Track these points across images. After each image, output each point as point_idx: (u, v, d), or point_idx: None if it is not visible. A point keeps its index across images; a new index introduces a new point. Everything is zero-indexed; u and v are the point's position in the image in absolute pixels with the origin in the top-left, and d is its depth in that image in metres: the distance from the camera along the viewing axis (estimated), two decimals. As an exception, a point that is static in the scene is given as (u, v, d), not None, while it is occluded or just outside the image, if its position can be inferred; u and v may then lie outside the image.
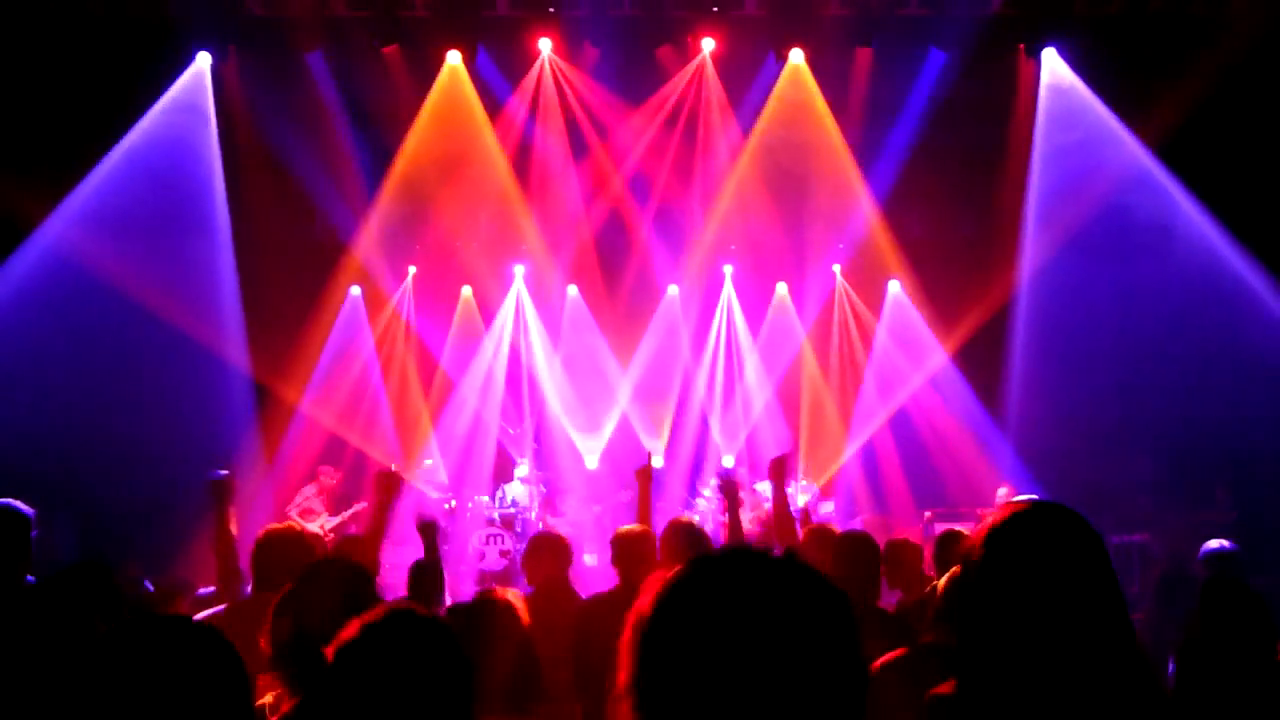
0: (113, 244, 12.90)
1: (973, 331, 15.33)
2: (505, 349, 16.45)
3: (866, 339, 16.48)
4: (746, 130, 14.78)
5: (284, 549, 5.11)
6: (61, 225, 13.14)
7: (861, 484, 15.76)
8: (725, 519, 13.78)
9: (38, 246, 13.05)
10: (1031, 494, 11.61)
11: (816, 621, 1.49)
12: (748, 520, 13.93)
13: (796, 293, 16.54)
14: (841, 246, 16.26)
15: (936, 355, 15.56)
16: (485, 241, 15.92)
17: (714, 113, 14.76)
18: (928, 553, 7.57)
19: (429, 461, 15.30)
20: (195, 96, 13.85)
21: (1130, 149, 13.88)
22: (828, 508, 14.78)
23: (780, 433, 16.11)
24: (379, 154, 14.66)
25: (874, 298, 16.42)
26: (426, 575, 6.14)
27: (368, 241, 15.29)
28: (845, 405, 16.39)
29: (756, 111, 14.71)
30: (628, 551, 6.06)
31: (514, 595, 4.38)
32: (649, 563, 5.86)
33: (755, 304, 16.74)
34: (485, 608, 4.21)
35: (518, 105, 14.73)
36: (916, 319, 15.89)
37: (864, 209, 15.26)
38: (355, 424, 15.59)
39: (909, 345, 15.94)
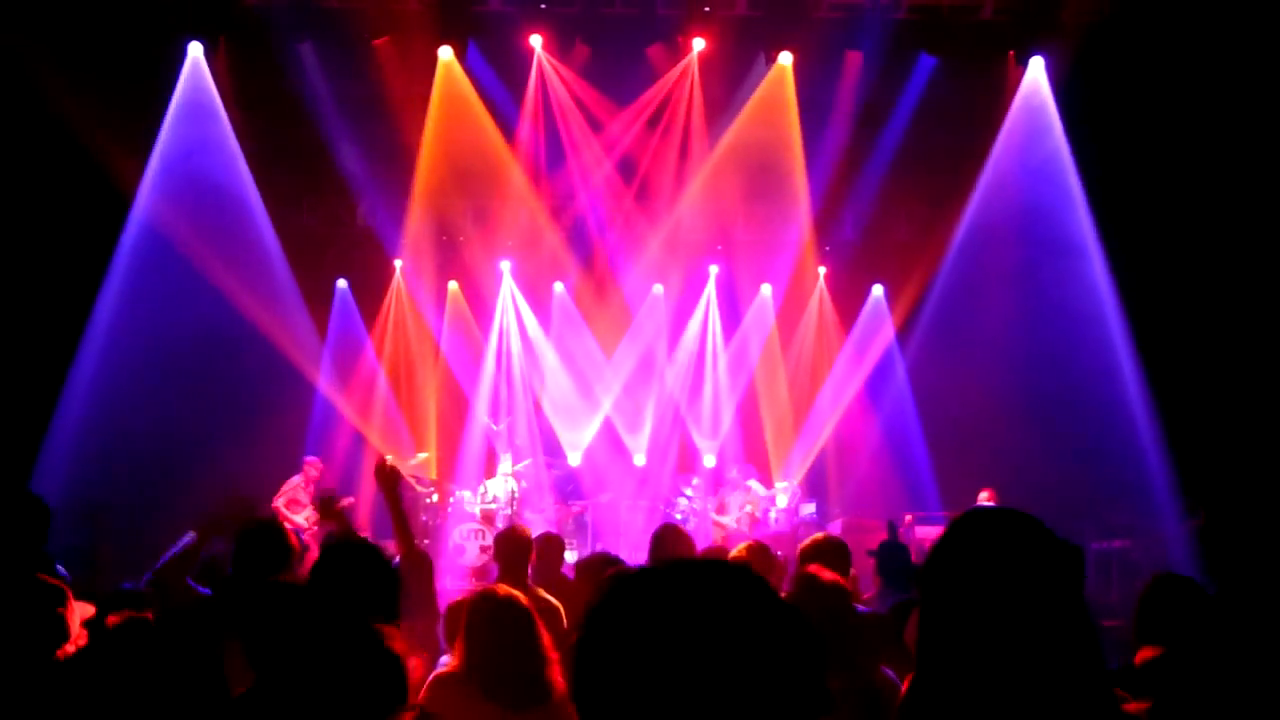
0: (178, 254, 13.47)
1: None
2: (508, 347, 16.48)
3: (840, 341, 16.57)
4: (733, 131, 14.79)
5: (264, 543, 5.01)
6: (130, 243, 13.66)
7: (841, 486, 15.82)
8: (714, 518, 13.93)
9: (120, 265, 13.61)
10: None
11: (741, 634, 1.43)
12: (733, 519, 13.99)
13: (780, 294, 16.58)
14: (827, 249, 16.29)
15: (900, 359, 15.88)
16: (473, 236, 15.92)
17: (702, 113, 14.76)
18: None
19: (423, 455, 15.33)
20: (202, 95, 13.86)
21: (1073, 183, 14.17)
22: (809, 509, 14.81)
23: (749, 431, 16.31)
24: (369, 145, 14.64)
25: (857, 300, 16.50)
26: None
27: (360, 235, 15.46)
28: (807, 406, 16.48)
29: (748, 112, 14.73)
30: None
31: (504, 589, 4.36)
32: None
33: (740, 304, 16.75)
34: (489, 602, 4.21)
35: (508, 102, 14.73)
36: (889, 323, 16.10)
37: (847, 212, 15.40)
38: (370, 416, 15.88)
39: (878, 348, 16.14)
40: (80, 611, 4.90)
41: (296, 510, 13.11)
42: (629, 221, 15.67)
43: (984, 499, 12.82)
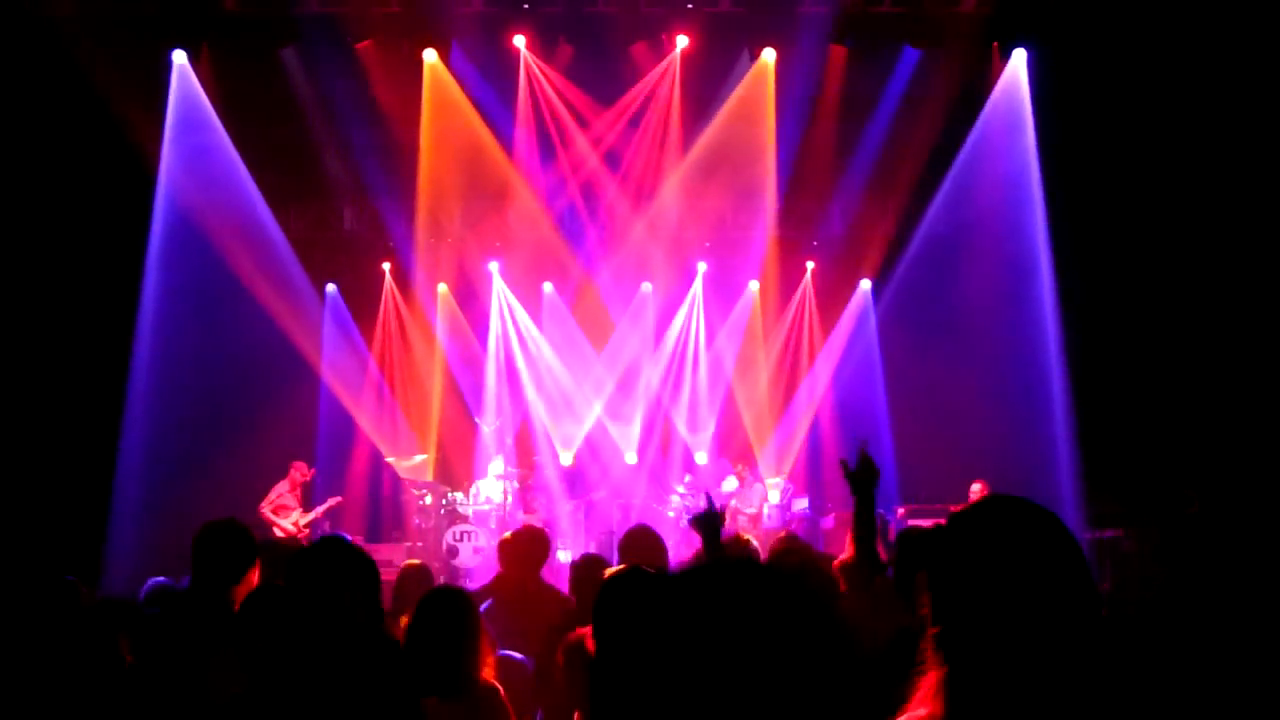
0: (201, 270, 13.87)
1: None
2: (501, 348, 16.47)
3: (824, 335, 16.63)
4: (717, 128, 14.80)
5: (224, 544, 4.71)
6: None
7: (832, 481, 15.80)
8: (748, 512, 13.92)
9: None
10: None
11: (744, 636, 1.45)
12: (752, 509, 14.00)
13: (767, 289, 16.61)
14: (815, 244, 16.31)
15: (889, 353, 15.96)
16: (462, 238, 15.90)
17: (688, 111, 14.76)
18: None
19: (421, 457, 15.35)
20: (194, 104, 13.91)
21: (1034, 193, 14.34)
22: (801, 504, 14.81)
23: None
24: (354, 149, 14.64)
25: (845, 295, 16.52)
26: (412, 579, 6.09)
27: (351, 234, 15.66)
28: (787, 401, 16.55)
29: (733, 108, 14.74)
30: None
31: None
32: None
33: (728, 300, 16.75)
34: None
35: (494, 103, 14.72)
36: (874, 316, 16.18)
37: (834, 207, 15.48)
38: (374, 418, 16.05)
39: (863, 342, 16.23)
40: None
41: (284, 514, 13.09)
42: (617, 220, 15.66)
43: (976, 491, 12.82)
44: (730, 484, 14.69)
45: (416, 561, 6.70)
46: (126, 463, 13.42)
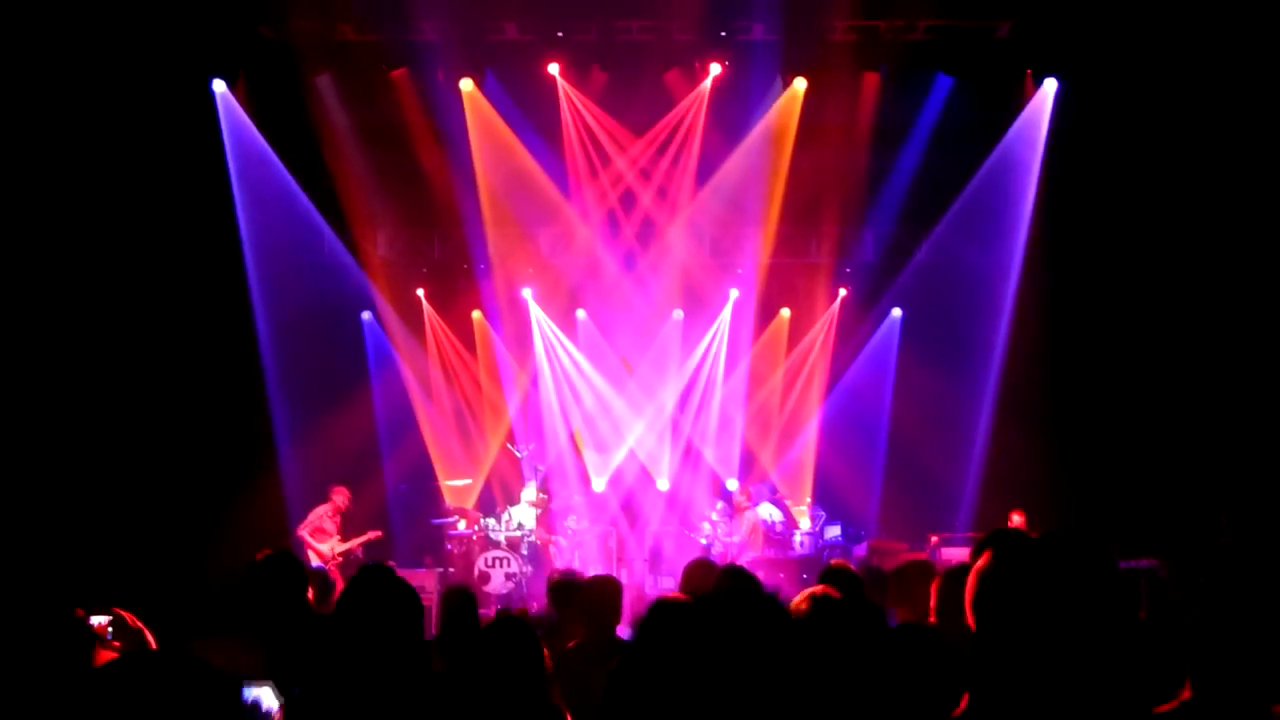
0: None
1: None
2: (549, 375, 16.53)
3: (847, 363, 16.61)
4: (749, 154, 14.82)
5: (280, 575, 4.70)
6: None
7: (863, 508, 15.74)
8: (732, 540, 13.93)
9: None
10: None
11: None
12: (738, 536, 13.98)
13: (798, 316, 16.59)
14: (848, 271, 16.28)
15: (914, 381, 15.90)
16: (496, 264, 15.96)
17: (721, 138, 14.79)
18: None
19: (464, 481, 15.40)
20: (245, 132, 14.19)
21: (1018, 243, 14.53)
22: (834, 531, 14.75)
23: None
24: (388, 175, 14.75)
25: (877, 322, 16.48)
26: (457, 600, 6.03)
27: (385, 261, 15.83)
28: (799, 426, 16.53)
29: (762, 136, 14.76)
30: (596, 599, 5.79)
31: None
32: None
33: (760, 327, 16.71)
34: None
35: (527, 130, 14.79)
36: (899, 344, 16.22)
37: (867, 233, 15.48)
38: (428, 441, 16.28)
39: (886, 370, 16.25)
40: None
41: (322, 539, 13.15)
42: (649, 246, 15.69)
43: (1016, 521, 12.75)
44: (764, 511, 14.63)
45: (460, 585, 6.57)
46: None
